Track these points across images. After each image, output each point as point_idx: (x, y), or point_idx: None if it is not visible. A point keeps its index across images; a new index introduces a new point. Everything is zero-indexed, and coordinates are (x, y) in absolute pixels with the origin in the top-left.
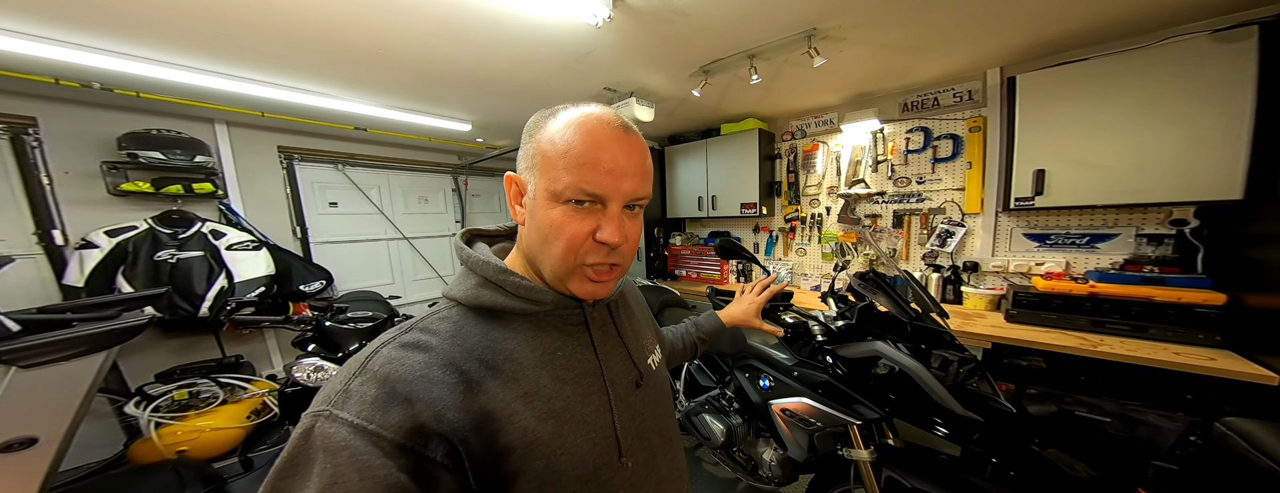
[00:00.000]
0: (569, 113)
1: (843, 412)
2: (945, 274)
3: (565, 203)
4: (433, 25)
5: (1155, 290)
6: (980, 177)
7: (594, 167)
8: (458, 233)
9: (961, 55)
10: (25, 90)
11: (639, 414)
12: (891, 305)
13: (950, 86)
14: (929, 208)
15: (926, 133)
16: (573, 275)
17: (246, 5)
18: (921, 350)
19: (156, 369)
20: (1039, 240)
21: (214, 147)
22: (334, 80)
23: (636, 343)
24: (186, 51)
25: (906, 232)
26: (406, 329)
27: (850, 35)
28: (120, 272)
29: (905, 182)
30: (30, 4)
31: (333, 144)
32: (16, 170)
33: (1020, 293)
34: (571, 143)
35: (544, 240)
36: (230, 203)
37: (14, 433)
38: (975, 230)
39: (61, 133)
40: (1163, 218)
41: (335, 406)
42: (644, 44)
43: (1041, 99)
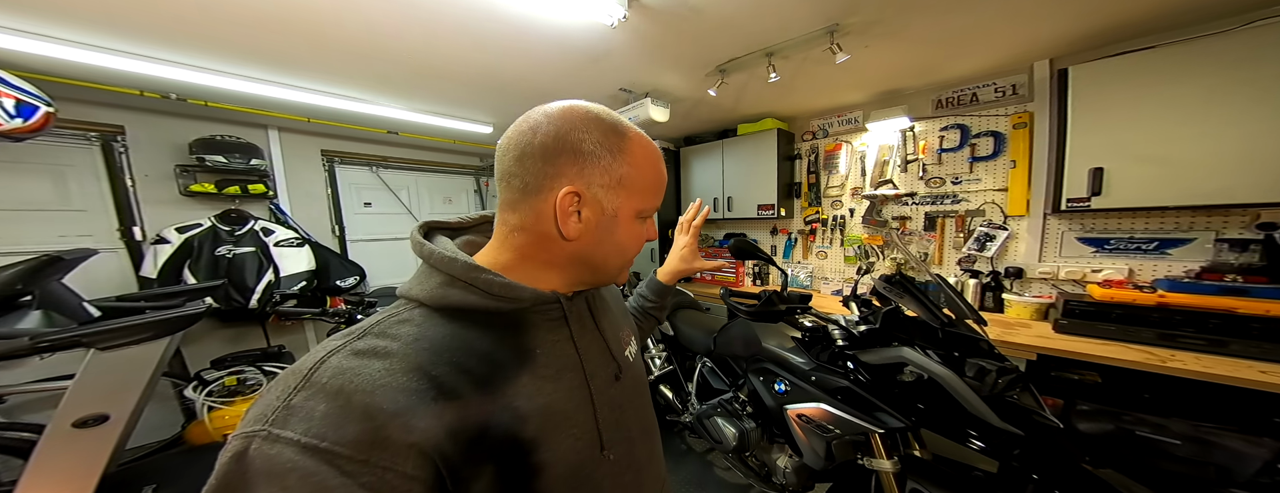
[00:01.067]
0: (642, 139)
1: (864, 419)
2: (984, 280)
3: (643, 219)
4: (454, 30)
5: (1238, 302)
6: (1026, 176)
7: (660, 188)
8: (414, 227)
9: (1003, 48)
10: (115, 102)
11: (618, 406)
12: (921, 310)
13: (991, 81)
14: (966, 209)
15: (963, 130)
16: (624, 269)
17: (301, 19)
18: (954, 358)
19: (212, 356)
20: (1096, 245)
21: (267, 150)
22: (369, 85)
23: (614, 336)
24: (249, 63)
25: (940, 235)
26: (357, 335)
27: (876, 30)
28: (186, 265)
29: (939, 182)
30: (125, 23)
31: (368, 147)
32: (106, 173)
33: (1072, 302)
34: (650, 167)
35: (622, 250)
36: (279, 202)
37: (89, 410)
38: (1019, 234)
39: (143, 140)
40: (1248, 221)
41: (275, 425)
42: (659, 44)
43: (1098, 92)
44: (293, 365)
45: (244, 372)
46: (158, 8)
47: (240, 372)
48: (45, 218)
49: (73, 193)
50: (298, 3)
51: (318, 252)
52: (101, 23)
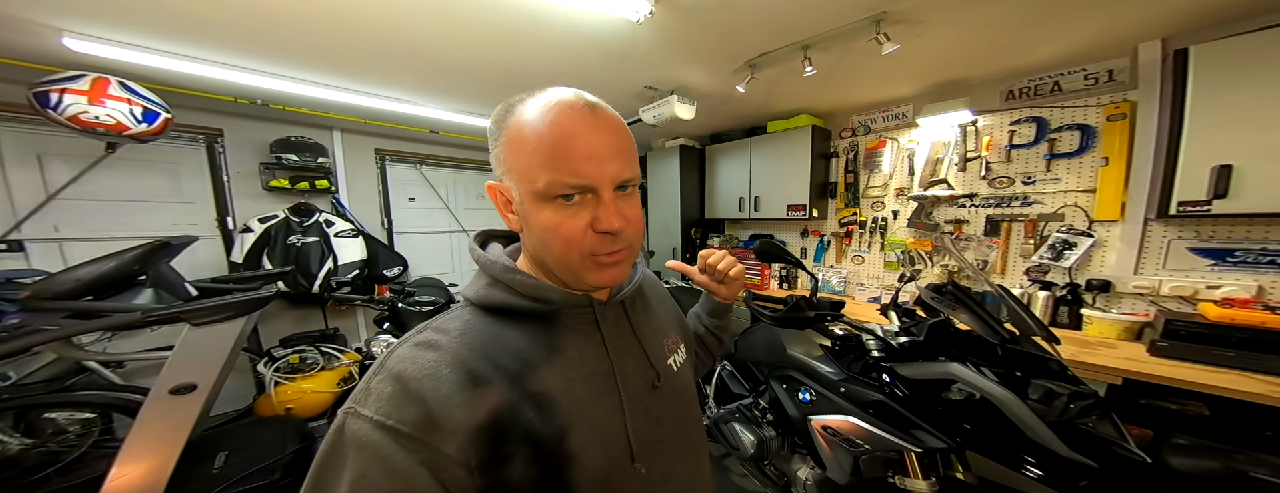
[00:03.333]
0: (528, 104)
1: (899, 437)
2: (1058, 293)
3: (553, 201)
4: (487, 28)
5: None
6: (1122, 175)
7: (571, 156)
8: (472, 234)
9: (1097, 28)
10: (216, 108)
11: (655, 417)
12: (976, 324)
13: (1080, 67)
14: (1039, 213)
15: (1040, 124)
16: (584, 268)
17: (362, 28)
18: (1016, 378)
19: (282, 335)
20: (1215, 257)
21: (331, 150)
22: (414, 87)
23: (655, 342)
24: (319, 70)
25: (1004, 241)
26: (422, 329)
27: (932, 16)
28: (264, 252)
29: (1006, 182)
30: (225, 39)
31: (413, 146)
32: (209, 170)
33: (1175, 321)
34: (541, 135)
35: (543, 244)
36: (340, 197)
37: (182, 379)
38: (1109, 241)
39: (237, 141)
40: None
41: (359, 403)
42: (686, 39)
43: (1225, 76)
44: (384, 353)
45: (305, 351)
46: (251, 24)
47: (302, 351)
48: (163, 208)
49: (184, 187)
50: (361, 14)
51: (369, 242)
52: (207, 38)
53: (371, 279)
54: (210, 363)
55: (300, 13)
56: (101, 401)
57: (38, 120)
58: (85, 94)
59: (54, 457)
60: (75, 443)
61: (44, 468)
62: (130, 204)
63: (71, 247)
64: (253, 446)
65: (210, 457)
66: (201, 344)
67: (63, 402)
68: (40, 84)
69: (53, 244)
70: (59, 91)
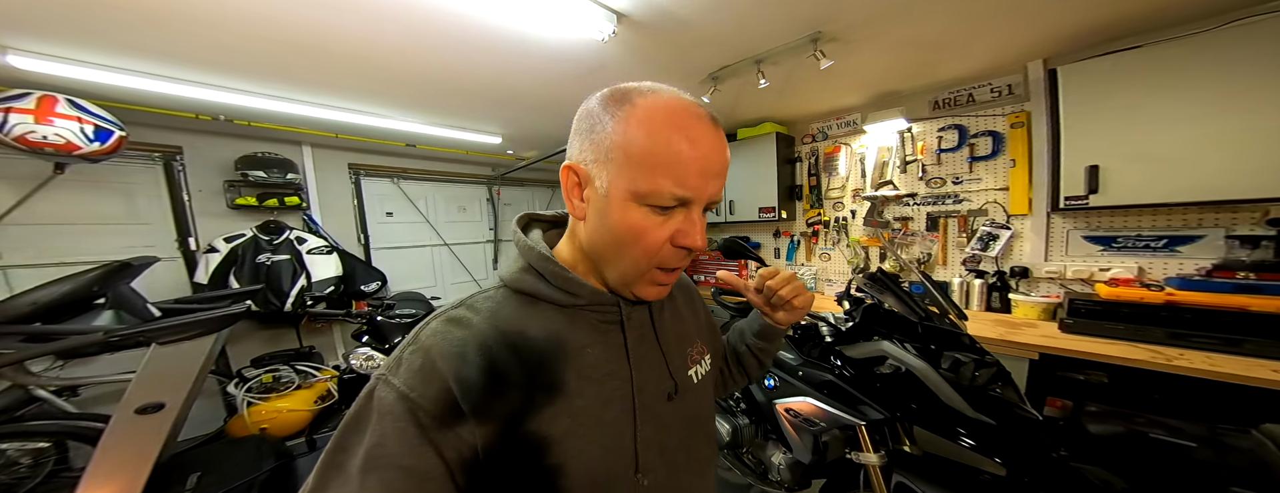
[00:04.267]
0: (650, 100)
1: (848, 412)
2: (990, 280)
3: (646, 205)
4: (462, 46)
5: (1251, 300)
6: (1027, 175)
7: (686, 168)
8: (517, 216)
9: (995, 48)
10: (174, 124)
11: (666, 427)
12: (899, 306)
13: (987, 81)
14: (968, 209)
15: (961, 131)
16: (642, 278)
17: (333, 45)
18: (931, 351)
19: (252, 355)
20: (1103, 243)
21: (300, 165)
22: (389, 102)
23: (678, 350)
24: (287, 85)
25: (943, 235)
26: (456, 304)
27: (860, 36)
28: (232, 272)
29: (939, 182)
30: (184, 54)
31: (390, 160)
32: (166, 190)
33: (1078, 301)
34: (662, 140)
35: (618, 243)
36: (311, 213)
37: (149, 398)
38: (1024, 233)
39: (198, 158)
40: (1259, 217)
41: (391, 371)
42: (651, 55)
43: (1090, 91)
44: (418, 326)
45: (279, 370)
46: (212, 40)
47: (275, 370)
48: (116, 231)
49: (139, 208)
50: (330, 30)
51: (345, 259)
52: (165, 55)
53: (349, 295)
54: (179, 381)
55: (264, 31)
56: (56, 429)
57: None
58: (31, 113)
59: (7, 490)
60: (28, 474)
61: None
62: (81, 227)
63: (17, 274)
64: (227, 466)
65: (182, 479)
66: (169, 363)
67: (13, 432)
68: None
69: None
70: (3, 111)
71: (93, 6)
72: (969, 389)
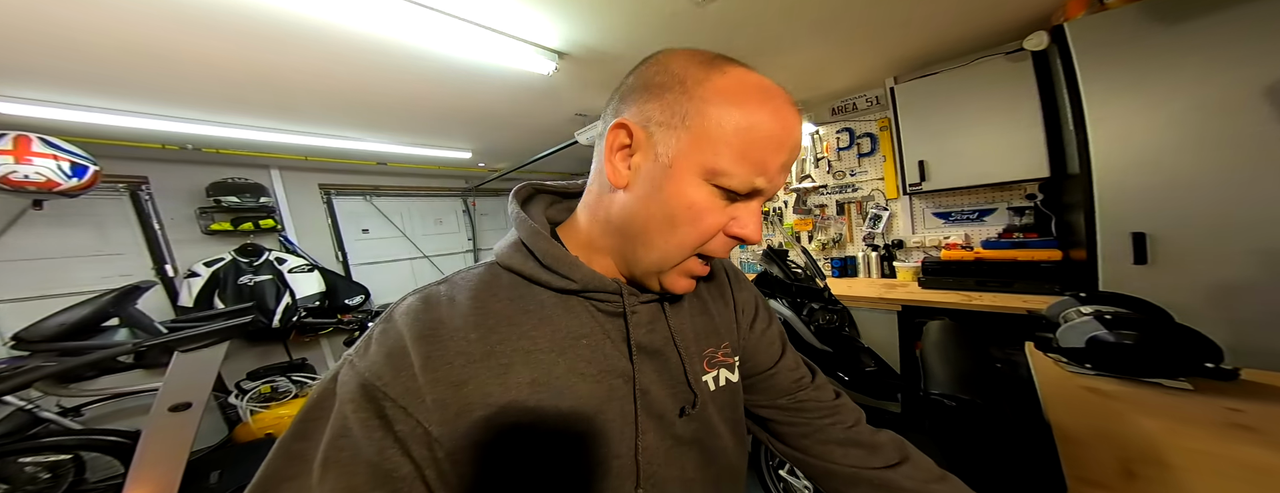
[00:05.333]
0: (745, 73)
1: None
2: (881, 253)
3: (717, 186)
4: (427, 75)
5: (1018, 253)
6: (893, 167)
7: (771, 159)
8: (518, 186)
9: (860, 69)
10: (139, 155)
11: (678, 440)
12: (782, 273)
13: (863, 93)
14: (861, 196)
15: (851, 132)
16: (675, 268)
17: (293, 75)
18: (798, 304)
19: (246, 370)
20: (944, 218)
21: (271, 188)
22: (357, 125)
23: (694, 351)
24: (253, 114)
25: (848, 218)
26: (439, 281)
27: (756, 61)
28: (216, 294)
29: (841, 175)
30: (147, 90)
31: (361, 178)
32: (136, 219)
33: (927, 262)
34: (761, 121)
35: (669, 220)
36: (287, 234)
37: (179, 398)
38: (898, 213)
39: (166, 187)
40: (1023, 194)
41: (359, 354)
42: (595, 79)
43: (914, 104)
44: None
45: (276, 381)
46: (172, 74)
47: (273, 381)
48: (91, 262)
49: (111, 238)
50: (287, 66)
51: (326, 275)
52: (128, 90)
53: (334, 309)
54: (200, 383)
55: (220, 67)
56: (75, 442)
57: None
58: (11, 153)
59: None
60: (48, 487)
61: None
62: (54, 261)
63: (2, 309)
64: (242, 463)
65: (205, 475)
66: (191, 367)
67: (36, 446)
68: None
69: None
70: None
71: (58, 48)
72: (824, 329)
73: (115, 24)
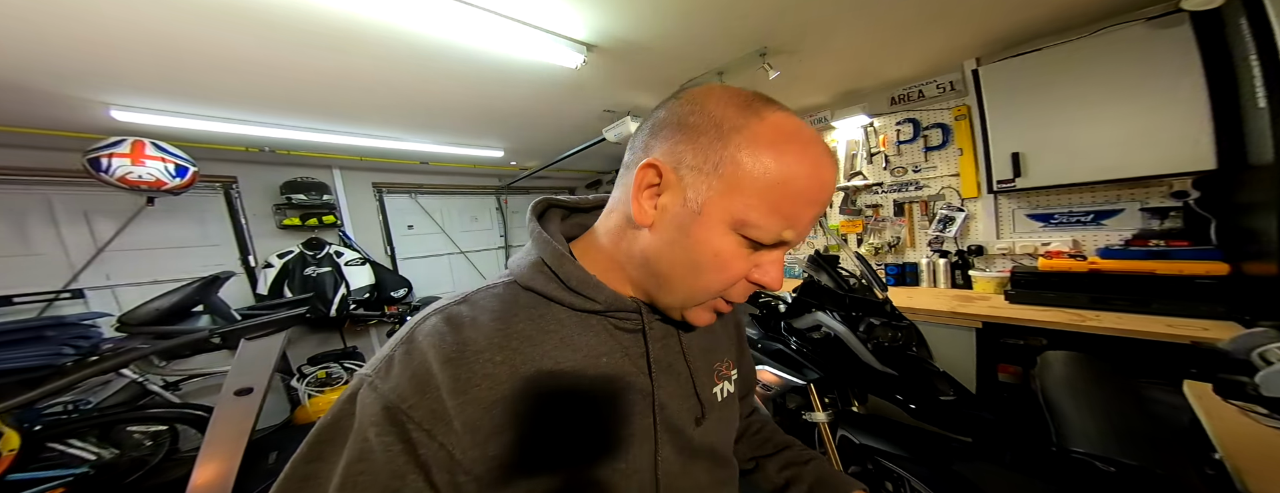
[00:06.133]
0: (782, 120)
1: (792, 374)
2: (953, 259)
3: (744, 236)
4: (459, 75)
5: (1157, 265)
6: (973, 162)
7: (806, 212)
8: (534, 201)
9: (928, 52)
10: (229, 157)
11: (692, 454)
12: (831, 282)
13: (933, 79)
14: (928, 195)
15: (915, 124)
16: (699, 304)
17: (355, 84)
18: (852, 318)
19: (308, 355)
20: (1042, 220)
21: (333, 187)
22: (402, 126)
23: (704, 366)
24: (320, 117)
25: (908, 219)
26: (458, 300)
27: (802, 47)
28: (285, 284)
29: (901, 171)
30: (238, 98)
31: (407, 177)
32: (228, 214)
33: (1020, 273)
34: (796, 176)
35: (694, 266)
36: (346, 230)
37: (243, 383)
38: (976, 214)
39: (250, 186)
40: (1166, 191)
41: (379, 375)
42: (625, 74)
43: (1006, 87)
44: (414, 316)
45: (330, 367)
46: (259, 83)
47: (328, 367)
48: (193, 252)
49: (209, 231)
50: (354, 68)
51: (376, 269)
52: (222, 99)
53: (381, 301)
54: (261, 370)
55: (301, 71)
56: (169, 415)
57: (84, 181)
58: (128, 156)
59: (140, 463)
60: (152, 452)
61: (134, 472)
62: (166, 251)
63: (124, 292)
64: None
65: (264, 455)
66: (254, 354)
67: (138, 418)
68: (92, 151)
69: (107, 291)
70: (108, 156)
71: (168, 62)
72: (886, 349)
73: (210, 37)
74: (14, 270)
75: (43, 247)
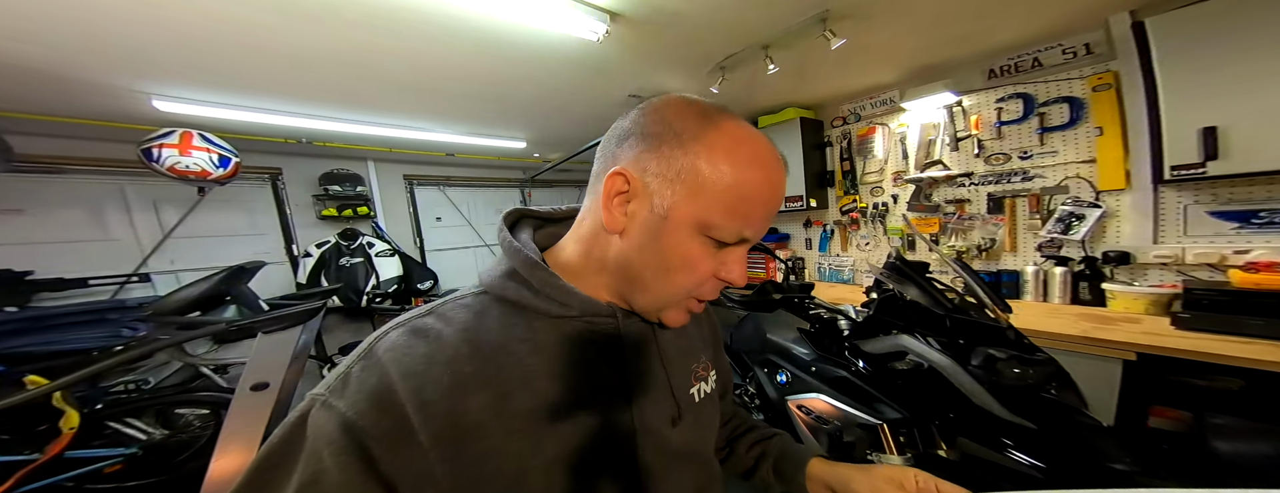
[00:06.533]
0: (736, 128)
1: (863, 411)
2: (1075, 268)
3: (705, 237)
4: (477, 55)
5: None
6: (1120, 144)
7: (756, 211)
8: (503, 212)
9: (1055, 7)
10: (273, 149)
11: (672, 455)
12: (924, 297)
13: (1056, 42)
14: (1042, 187)
15: (1027, 100)
16: (674, 305)
17: (382, 70)
18: (959, 346)
19: (340, 344)
20: (1238, 220)
21: (367, 178)
22: (428, 115)
23: (681, 367)
24: (354, 107)
25: (1010, 217)
26: (423, 312)
27: (874, 10)
28: (322, 273)
29: (1002, 159)
30: (278, 88)
31: (436, 169)
32: (274, 205)
33: (1197, 290)
34: (749, 179)
35: (665, 268)
36: (378, 221)
37: (258, 378)
38: (1120, 211)
39: (293, 178)
40: None
41: (334, 392)
42: (652, 50)
43: (1192, 42)
44: (374, 333)
45: None
46: (298, 71)
47: None
48: (244, 240)
49: (258, 221)
50: (374, 49)
51: (404, 260)
52: (264, 89)
53: (408, 293)
54: (277, 364)
55: (337, 59)
56: (213, 399)
57: (148, 172)
58: (177, 147)
59: (186, 445)
60: (199, 434)
61: (180, 453)
62: (221, 238)
63: (186, 276)
64: None
65: None
66: (271, 348)
67: (187, 400)
68: (144, 142)
69: (171, 275)
70: (158, 147)
71: (209, 51)
72: (1012, 390)
73: (237, 16)
74: (92, 254)
75: (117, 232)
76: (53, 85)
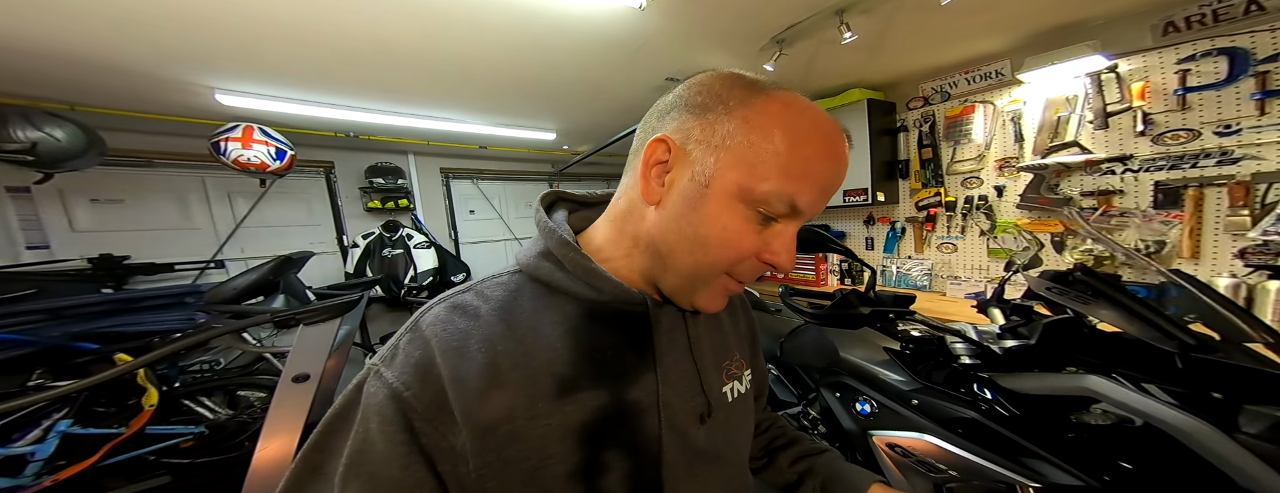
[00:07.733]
0: (791, 98)
1: (1006, 466)
2: None
3: (750, 207)
4: (510, 39)
5: None
6: None
7: (815, 182)
8: (540, 195)
9: None
10: (326, 143)
11: (699, 455)
12: (1134, 324)
13: None
14: (1254, 172)
15: (1235, 57)
16: (708, 285)
17: (421, 62)
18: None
19: (382, 333)
20: None
21: (407, 171)
22: (463, 104)
23: (713, 363)
24: (394, 101)
25: (1192, 213)
26: (464, 289)
27: None
28: (367, 264)
29: (1185, 136)
30: (327, 80)
31: (470, 163)
32: (327, 198)
33: None
34: (804, 144)
35: (701, 241)
36: (417, 214)
37: (300, 370)
38: None
39: (343, 170)
40: None
41: (385, 362)
42: (699, 21)
43: None
44: (423, 306)
45: None
46: (350, 68)
47: None
48: (302, 231)
49: (314, 212)
50: (417, 49)
51: (440, 252)
52: (313, 82)
53: (443, 285)
54: (318, 356)
55: (382, 50)
56: (268, 383)
57: (221, 166)
58: (240, 140)
59: (245, 427)
60: (259, 416)
61: (240, 434)
62: (283, 228)
63: (253, 263)
64: None
65: None
66: (311, 340)
67: (249, 383)
68: (215, 135)
69: (242, 262)
70: (225, 140)
71: (265, 44)
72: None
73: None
74: (179, 241)
75: (199, 221)
76: (130, 81)
